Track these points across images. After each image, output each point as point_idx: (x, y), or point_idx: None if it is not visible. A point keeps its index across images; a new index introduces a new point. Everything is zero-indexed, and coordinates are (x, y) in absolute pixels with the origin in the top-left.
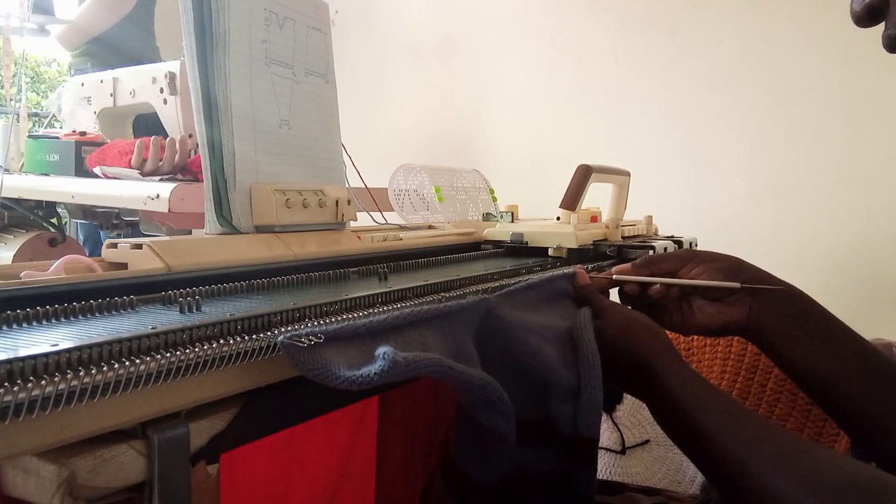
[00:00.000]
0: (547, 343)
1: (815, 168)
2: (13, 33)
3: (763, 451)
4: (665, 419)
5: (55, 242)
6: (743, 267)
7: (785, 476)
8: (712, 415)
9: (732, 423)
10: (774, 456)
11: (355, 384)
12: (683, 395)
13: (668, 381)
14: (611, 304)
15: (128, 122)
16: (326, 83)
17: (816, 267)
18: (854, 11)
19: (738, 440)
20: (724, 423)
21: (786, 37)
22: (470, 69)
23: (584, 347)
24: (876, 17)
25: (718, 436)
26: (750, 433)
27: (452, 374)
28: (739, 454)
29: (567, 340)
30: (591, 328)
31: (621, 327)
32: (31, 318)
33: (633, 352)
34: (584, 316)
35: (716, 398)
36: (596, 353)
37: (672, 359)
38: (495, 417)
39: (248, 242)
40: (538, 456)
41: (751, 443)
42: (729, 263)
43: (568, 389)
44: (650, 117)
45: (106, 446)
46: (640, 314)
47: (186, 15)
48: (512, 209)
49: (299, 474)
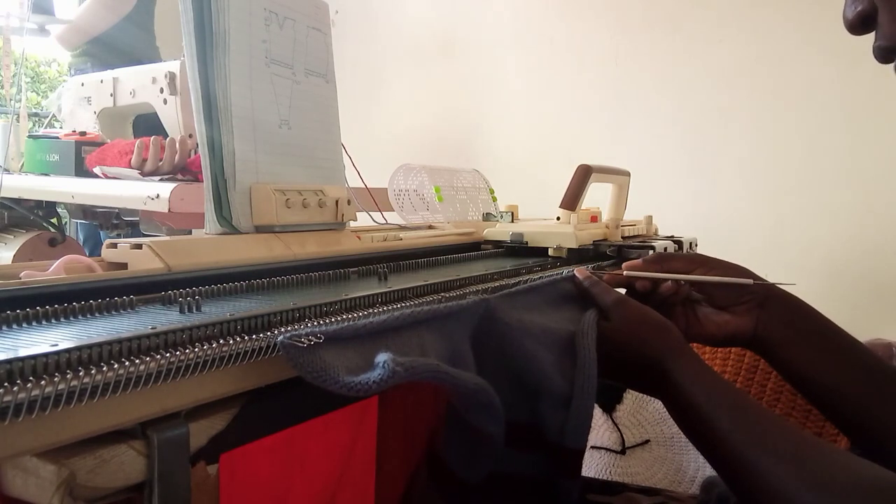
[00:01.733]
0: (544, 348)
1: (815, 168)
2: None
3: (776, 449)
4: (681, 417)
5: (55, 242)
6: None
7: (797, 473)
8: (727, 411)
9: (746, 421)
10: (787, 453)
11: (353, 390)
12: (699, 393)
13: (683, 379)
14: (622, 300)
15: (128, 122)
16: (326, 83)
17: (816, 267)
18: (847, 19)
19: (751, 437)
20: (739, 420)
21: (786, 37)
22: (470, 69)
23: (582, 356)
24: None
25: (732, 434)
26: (763, 430)
27: (448, 378)
28: (753, 451)
29: (568, 346)
30: (594, 334)
31: (633, 327)
32: (31, 318)
33: (645, 352)
34: (588, 321)
35: (731, 395)
36: (594, 363)
37: (686, 356)
38: (486, 421)
39: (248, 242)
40: (524, 459)
41: (763, 439)
42: (739, 271)
43: (560, 397)
44: (650, 117)
45: (106, 446)
46: (652, 310)
47: (186, 15)
48: (512, 209)
49: (299, 474)
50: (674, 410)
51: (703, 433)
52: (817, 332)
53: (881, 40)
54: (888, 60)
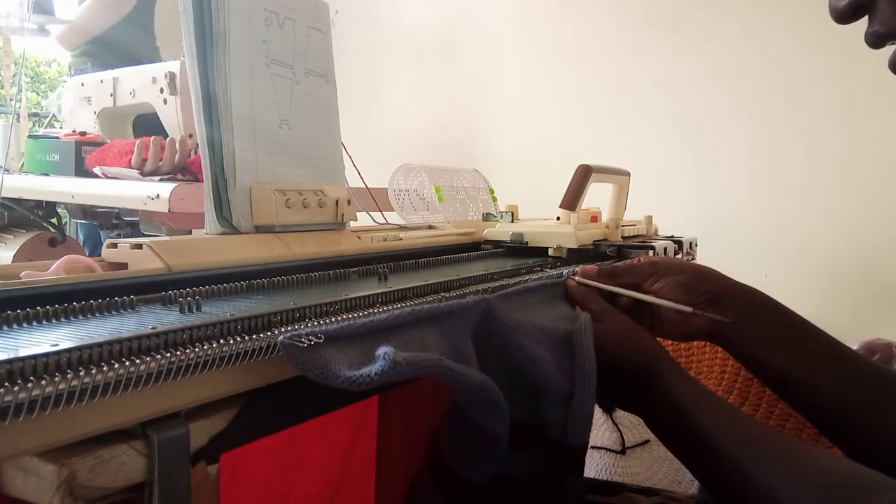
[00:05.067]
0: (542, 347)
1: (815, 168)
2: (13, 33)
3: (761, 451)
4: (666, 424)
5: (55, 242)
6: (704, 277)
7: (783, 476)
8: (713, 416)
9: (732, 425)
10: (772, 455)
11: (355, 384)
12: (687, 398)
13: (673, 384)
14: (612, 310)
15: (128, 122)
16: (326, 83)
17: (816, 267)
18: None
19: (736, 440)
20: (724, 424)
21: (786, 37)
22: (470, 69)
23: (581, 353)
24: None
25: (718, 435)
26: (748, 433)
27: (451, 374)
28: (738, 454)
29: (564, 344)
30: (591, 334)
31: (623, 333)
32: (31, 318)
33: (634, 358)
34: (584, 321)
35: (717, 401)
36: (593, 360)
37: (672, 363)
38: (491, 419)
39: (248, 242)
40: (526, 458)
41: (748, 442)
42: (690, 276)
43: (560, 394)
44: (650, 117)
45: (106, 446)
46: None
47: (186, 15)
48: (512, 209)
49: (299, 474)
50: (658, 416)
51: (688, 436)
52: (779, 324)
53: (877, 26)
54: (880, 46)
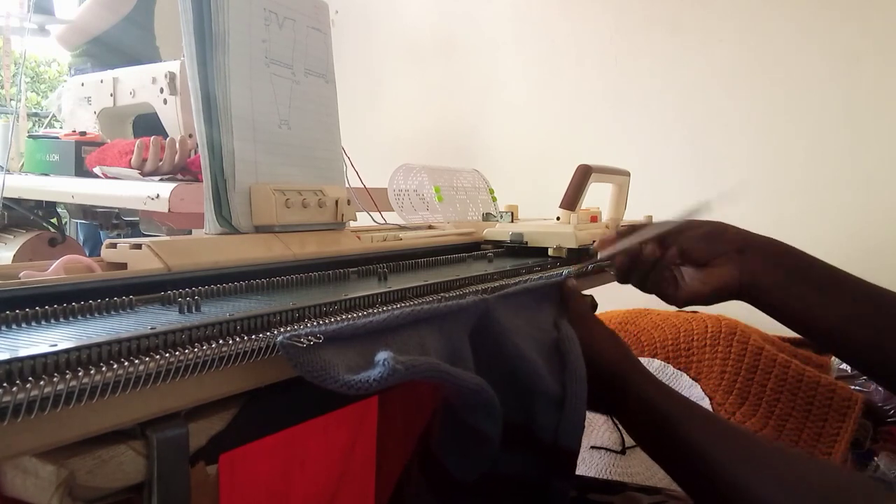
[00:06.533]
0: (535, 350)
1: (816, 168)
2: (13, 33)
3: (739, 453)
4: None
5: (55, 242)
6: (725, 229)
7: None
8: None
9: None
10: (750, 457)
11: (353, 388)
12: (662, 400)
13: (646, 386)
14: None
15: (128, 122)
16: (326, 83)
17: None
18: None
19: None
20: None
21: (786, 37)
22: (470, 69)
23: (572, 360)
24: None
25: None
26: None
27: (448, 378)
28: (716, 454)
29: (553, 349)
30: (577, 340)
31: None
32: (30, 318)
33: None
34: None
35: (692, 404)
36: (584, 367)
37: (644, 369)
38: (484, 421)
39: (248, 242)
40: (516, 459)
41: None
42: (712, 229)
43: (553, 398)
44: (650, 117)
45: (105, 446)
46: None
47: (186, 15)
48: (512, 209)
49: (299, 474)
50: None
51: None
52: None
53: None
54: None
